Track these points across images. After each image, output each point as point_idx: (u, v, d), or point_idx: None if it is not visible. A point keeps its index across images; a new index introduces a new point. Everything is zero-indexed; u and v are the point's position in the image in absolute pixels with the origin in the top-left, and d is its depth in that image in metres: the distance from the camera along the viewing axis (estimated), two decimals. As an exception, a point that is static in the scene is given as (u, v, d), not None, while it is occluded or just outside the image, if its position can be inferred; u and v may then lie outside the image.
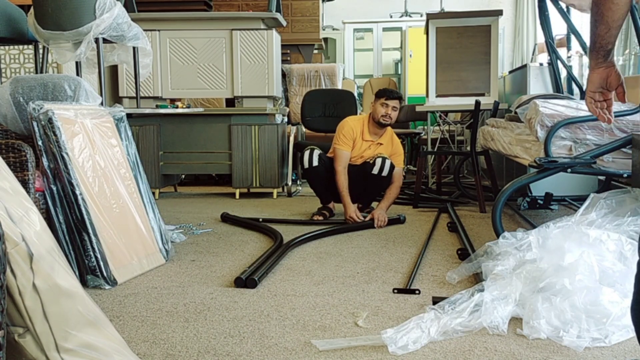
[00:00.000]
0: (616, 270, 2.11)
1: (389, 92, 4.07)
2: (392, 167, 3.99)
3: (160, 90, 5.18)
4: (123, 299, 2.39)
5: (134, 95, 4.23)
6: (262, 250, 3.19)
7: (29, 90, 2.83)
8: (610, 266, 2.14)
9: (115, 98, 5.26)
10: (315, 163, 4.06)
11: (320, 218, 4.10)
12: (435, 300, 2.22)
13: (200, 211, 4.48)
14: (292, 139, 5.45)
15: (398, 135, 6.49)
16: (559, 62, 4.84)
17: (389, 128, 4.15)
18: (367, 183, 4.02)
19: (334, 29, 9.12)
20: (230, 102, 5.99)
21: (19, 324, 1.35)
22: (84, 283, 2.54)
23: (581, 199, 3.19)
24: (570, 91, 4.89)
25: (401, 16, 9.03)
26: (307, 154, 4.09)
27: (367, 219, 3.87)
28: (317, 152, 4.08)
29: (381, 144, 4.10)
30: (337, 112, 5.84)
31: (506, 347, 1.86)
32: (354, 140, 4.07)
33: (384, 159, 3.96)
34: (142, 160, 3.20)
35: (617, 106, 3.12)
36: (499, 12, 5.11)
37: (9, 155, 2.43)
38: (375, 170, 3.95)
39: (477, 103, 4.61)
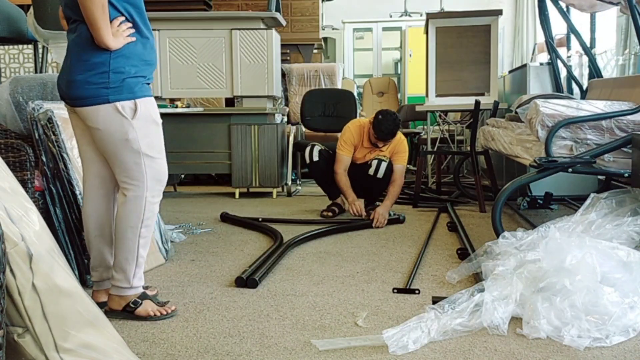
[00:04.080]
0: (618, 277, 2.11)
1: (380, 133, 3.94)
2: (388, 169, 4.02)
3: (159, 90, 5.18)
4: (123, 299, 2.38)
5: (134, 94, 4.23)
6: (261, 250, 3.19)
7: (29, 89, 2.83)
8: (612, 270, 2.13)
9: (115, 98, 5.25)
10: (315, 158, 4.23)
11: (330, 214, 4.17)
12: (435, 300, 2.22)
13: (200, 211, 4.47)
14: (291, 138, 5.45)
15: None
16: (559, 61, 4.84)
17: None
18: (366, 182, 4.07)
19: (333, 29, 9.11)
20: (229, 102, 5.98)
21: (19, 324, 1.35)
22: (83, 283, 2.53)
23: (581, 199, 3.19)
24: (570, 91, 4.88)
25: (401, 16, 9.03)
26: (307, 150, 4.29)
27: (371, 217, 3.88)
28: (317, 147, 4.25)
29: (382, 149, 4.11)
30: (337, 111, 5.84)
31: (506, 347, 1.86)
32: (355, 146, 4.15)
33: (379, 162, 4.02)
34: (141, 160, 3.19)
35: (617, 106, 3.12)
36: (498, 12, 5.10)
37: (9, 155, 2.42)
38: (370, 172, 4.03)
39: (477, 103, 4.60)
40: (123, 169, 2.14)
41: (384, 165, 4.01)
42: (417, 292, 2.42)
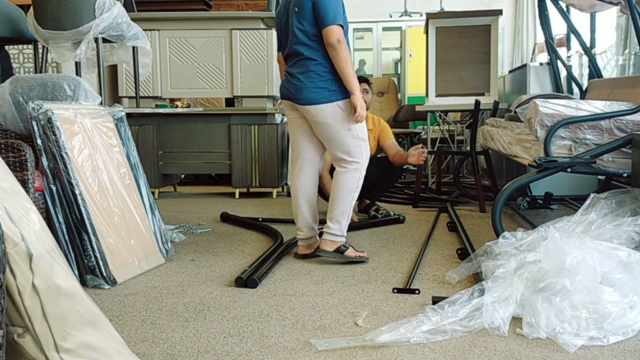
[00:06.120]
0: (618, 277, 2.10)
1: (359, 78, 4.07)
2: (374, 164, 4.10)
3: (159, 90, 5.18)
4: (122, 299, 2.39)
5: (134, 95, 4.23)
6: (261, 249, 3.19)
7: (29, 89, 2.83)
8: (612, 270, 2.13)
9: (115, 98, 5.26)
10: None
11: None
12: (435, 300, 2.22)
13: (200, 211, 4.47)
14: (291, 138, 5.45)
15: (397, 135, 6.51)
16: (558, 61, 4.84)
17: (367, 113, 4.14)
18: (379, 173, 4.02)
19: (333, 29, 9.09)
20: (229, 102, 5.98)
21: (19, 324, 1.35)
22: (83, 283, 2.54)
23: (581, 199, 3.19)
24: (570, 91, 4.89)
25: (401, 16, 9.02)
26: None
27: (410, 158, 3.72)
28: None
29: (370, 129, 4.10)
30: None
31: (506, 347, 1.86)
32: None
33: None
34: (141, 160, 3.20)
35: (616, 106, 3.12)
36: (498, 12, 5.10)
37: (9, 155, 2.43)
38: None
39: (477, 103, 4.61)
40: (345, 151, 2.86)
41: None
42: (417, 292, 2.42)
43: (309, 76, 2.80)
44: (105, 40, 3.55)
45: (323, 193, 4.17)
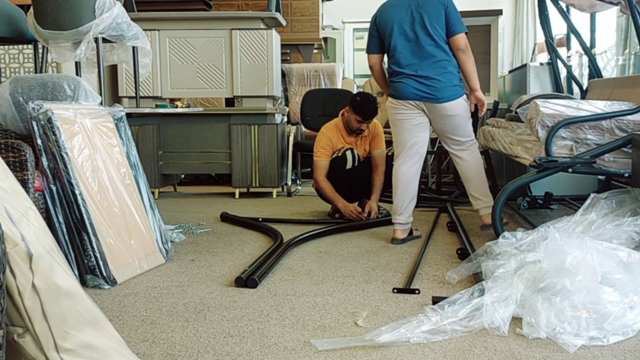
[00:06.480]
0: (618, 278, 2.10)
1: (364, 113, 3.96)
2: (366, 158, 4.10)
3: (159, 90, 5.18)
4: (122, 299, 2.39)
5: (134, 95, 4.23)
6: (261, 249, 3.19)
7: (29, 89, 2.83)
8: (612, 270, 2.13)
9: (115, 98, 5.26)
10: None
11: (338, 215, 4.15)
12: (435, 300, 2.22)
13: (200, 211, 4.47)
14: (291, 138, 5.45)
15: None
16: (559, 61, 4.84)
17: None
18: (353, 179, 4.03)
19: (333, 29, 9.10)
20: (229, 102, 5.98)
21: (19, 324, 1.35)
22: (83, 283, 2.54)
23: (581, 199, 3.19)
24: (570, 91, 4.88)
25: (401, 16, 9.00)
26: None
27: (365, 212, 3.94)
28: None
29: (364, 135, 4.13)
30: (337, 111, 5.78)
31: (506, 347, 1.86)
32: (334, 149, 4.11)
33: (351, 150, 4.04)
34: (141, 160, 3.20)
35: (617, 106, 3.12)
36: (498, 12, 5.11)
37: (9, 155, 2.42)
38: (348, 166, 4.01)
39: (477, 103, 4.60)
40: (465, 134, 3.37)
41: (355, 152, 4.03)
42: (417, 292, 2.42)
43: (446, 76, 3.24)
44: (105, 40, 3.55)
45: (322, 195, 4.17)
